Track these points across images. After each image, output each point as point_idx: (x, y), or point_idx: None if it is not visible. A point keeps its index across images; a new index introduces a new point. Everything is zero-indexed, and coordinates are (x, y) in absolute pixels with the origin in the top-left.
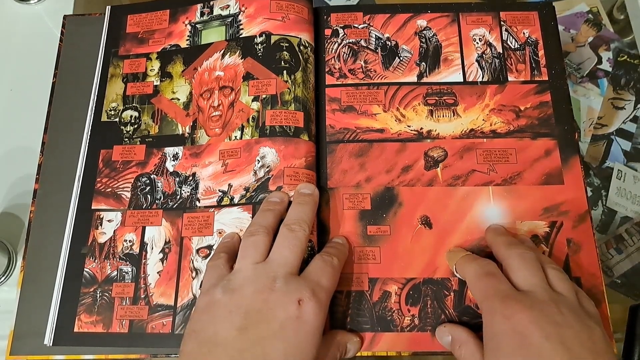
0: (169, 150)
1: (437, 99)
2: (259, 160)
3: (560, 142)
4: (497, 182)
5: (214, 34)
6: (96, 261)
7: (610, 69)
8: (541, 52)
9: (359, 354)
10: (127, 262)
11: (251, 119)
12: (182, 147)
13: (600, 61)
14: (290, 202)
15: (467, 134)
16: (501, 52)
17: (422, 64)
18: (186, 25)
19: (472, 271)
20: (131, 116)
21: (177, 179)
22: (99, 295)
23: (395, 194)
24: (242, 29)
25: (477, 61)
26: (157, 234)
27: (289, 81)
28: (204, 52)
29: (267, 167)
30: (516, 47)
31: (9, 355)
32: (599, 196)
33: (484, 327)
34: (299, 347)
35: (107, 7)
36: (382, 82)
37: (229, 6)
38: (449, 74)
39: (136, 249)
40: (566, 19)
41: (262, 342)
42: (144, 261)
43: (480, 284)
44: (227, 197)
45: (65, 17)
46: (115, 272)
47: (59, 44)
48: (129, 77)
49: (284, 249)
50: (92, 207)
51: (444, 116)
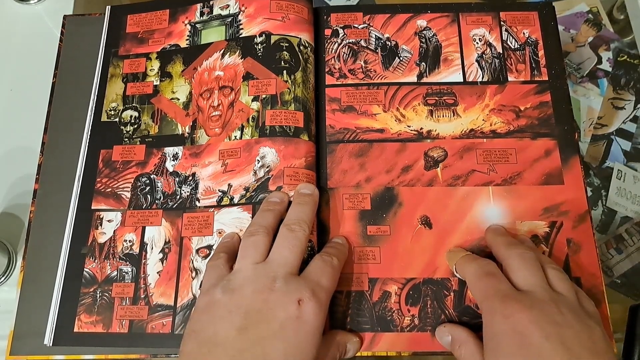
0: (169, 150)
1: (437, 99)
2: (258, 160)
3: (560, 142)
4: (497, 182)
5: (214, 34)
6: (96, 261)
7: (610, 69)
8: (541, 52)
9: (359, 354)
10: (127, 262)
11: (251, 118)
12: (181, 147)
13: (600, 61)
14: (290, 202)
15: (467, 134)
16: (501, 52)
17: (422, 64)
18: (186, 25)
19: (472, 271)
20: (131, 116)
21: (177, 179)
22: (99, 295)
23: (395, 194)
24: (242, 29)
25: (477, 61)
26: (157, 234)
27: (289, 81)
28: (204, 51)
29: (267, 167)
30: (516, 47)
31: (9, 355)
32: (599, 196)
33: (484, 327)
34: (299, 347)
35: (107, 7)
36: (382, 82)
37: (228, 6)
38: (449, 74)
39: (136, 249)
40: (566, 19)
41: (262, 342)
42: (143, 261)
43: (480, 284)
44: (227, 197)
45: (65, 17)
46: (115, 272)
47: (59, 44)
48: (128, 77)
49: (283, 249)
50: (92, 207)
51: (444, 116)
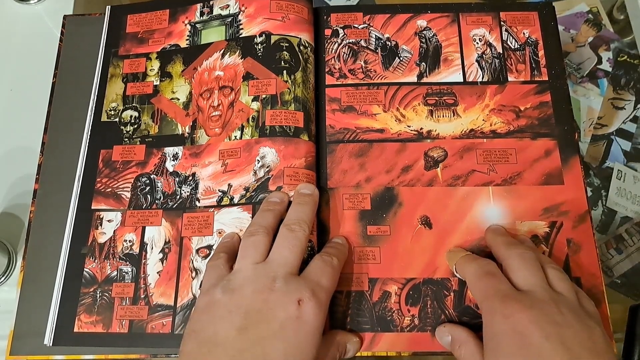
0: (169, 150)
1: (437, 99)
2: (258, 160)
3: (560, 142)
4: (497, 182)
5: (214, 34)
6: (96, 261)
7: (610, 69)
8: (541, 52)
9: (359, 354)
10: (127, 262)
11: (251, 118)
12: (181, 147)
13: (600, 61)
14: (290, 202)
15: (467, 134)
16: (501, 52)
17: (422, 64)
18: (186, 25)
19: (472, 271)
20: (131, 116)
21: (177, 179)
22: (99, 295)
23: (395, 194)
24: (242, 29)
25: (477, 61)
26: (157, 234)
27: (289, 81)
28: (204, 51)
29: (267, 167)
30: (516, 47)
31: (9, 355)
32: (599, 196)
33: (484, 327)
34: (299, 347)
35: (107, 7)
36: (382, 82)
37: (228, 6)
38: (449, 74)
39: (136, 249)
40: (566, 19)
41: (262, 342)
42: (143, 261)
43: (480, 284)
44: (227, 197)
45: (65, 17)
46: (115, 272)
47: (59, 44)
48: (128, 77)
49: (283, 249)
50: (92, 207)
51: (444, 116)
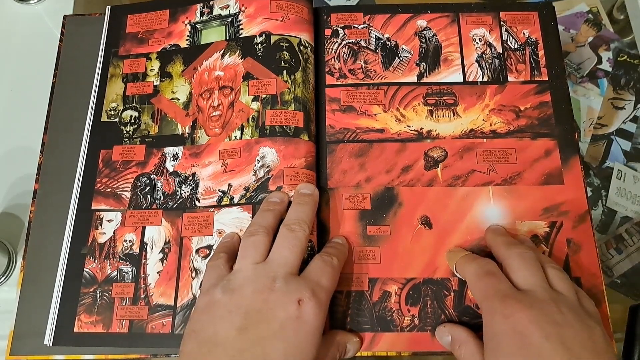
0: (169, 150)
1: (437, 99)
2: (258, 160)
3: (560, 142)
4: (497, 182)
5: (214, 34)
6: (96, 261)
7: (610, 69)
8: (541, 52)
9: (359, 354)
10: (127, 262)
11: (251, 118)
12: (181, 147)
13: (600, 61)
14: (290, 202)
15: (467, 134)
16: (501, 52)
17: (422, 64)
18: (186, 25)
19: (472, 271)
20: (131, 116)
21: (177, 179)
22: (99, 295)
23: (395, 194)
24: (242, 29)
25: (477, 61)
26: (157, 234)
27: (289, 81)
28: (204, 52)
29: (267, 167)
30: (516, 47)
31: (9, 355)
32: (599, 196)
33: (484, 327)
34: (299, 347)
35: (107, 7)
36: (382, 82)
37: (228, 6)
38: (449, 74)
39: (136, 249)
40: (566, 19)
41: (262, 342)
42: (143, 261)
43: (480, 284)
44: (227, 197)
45: (65, 17)
46: (115, 272)
47: (59, 44)
48: (128, 77)
49: (283, 249)
50: (92, 207)
51: (444, 116)
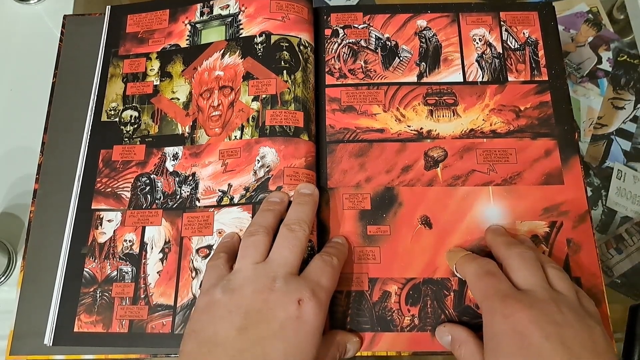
0: (169, 150)
1: (437, 99)
2: (258, 160)
3: (560, 142)
4: (497, 182)
5: (214, 34)
6: (96, 261)
7: (610, 69)
8: (541, 52)
9: (359, 354)
10: (127, 262)
11: (251, 118)
12: (181, 147)
13: (600, 61)
14: (290, 202)
15: (467, 134)
16: (501, 52)
17: (422, 64)
18: (186, 25)
19: (472, 271)
20: (131, 116)
21: (177, 179)
22: (98, 295)
23: (395, 194)
24: (242, 29)
25: (477, 61)
26: (157, 233)
27: (289, 81)
28: (204, 51)
29: (267, 167)
30: (516, 47)
31: (9, 355)
32: (599, 196)
33: (484, 327)
34: (299, 347)
35: (107, 7)
36: (382, 82)
37: (228, 6)
38: (449, 74)
39: (136, 249)
40: (566, 19)
41: (262, 342)
42: (143, 261)
43: (480, 284)
44: (227, 197)
45: (65, 17)
46: (115, 272)
47: (59, 44)
48: (128, 77)
49: (283, 249)
50: (92, 207)
51: (444, 116)
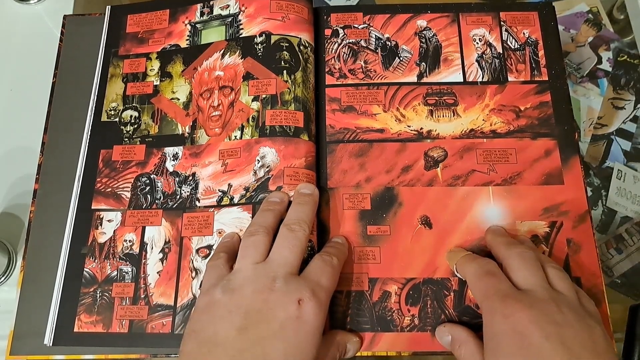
0: (169, 150)
1: (437, 99)
2: (258, 160)
3: (560, 142)
4: (497, 182)
5: (214, 34)
6: (96, 261)
7: (610, 69)
8: (541, 52)
9: (359, 354)
10: (127, 262)
11: (251, 118)
12: (182, 147)
13: (600, 61)
14: (290, 202)
15: (467, 134)
16: (501, 52)
17: (422, 64)
18: (186, 25)
19: (472, 271)
20: (131, 116)
21: (177, 179)
22: (99, 295)
23: (395, 194)
24: (242, 29)
25: (477, 61)
26: (157, 233)
27: (289, 81)
28: (204, 52)
29: (267, 167)
30: (516, 47)
31: (9, 355)
32: (599, 196)
33: (484, 327)
34: (299, 347)
35: (107, 7)
36: (382, 82)
37: (228, 6)
38: (449, 74)
39: (136, 249)
40: (566, 19)
41: (262, 342)
42: (143, 261)
43: (480, 284)
44: (227, 197)
45: (65, 17)
46: (115, 272)
47: (59, 44)
48: (129, 77)
49: (283, 249)
50: (92, 207)
51: (444, 116)
